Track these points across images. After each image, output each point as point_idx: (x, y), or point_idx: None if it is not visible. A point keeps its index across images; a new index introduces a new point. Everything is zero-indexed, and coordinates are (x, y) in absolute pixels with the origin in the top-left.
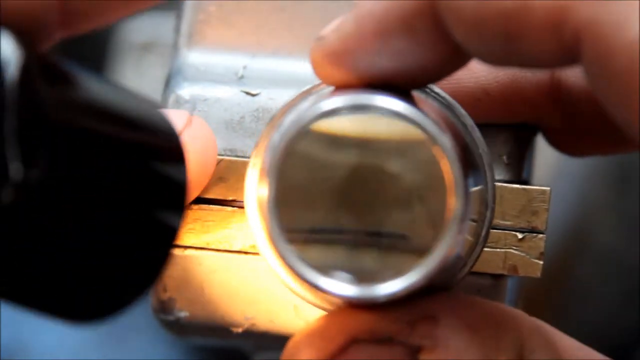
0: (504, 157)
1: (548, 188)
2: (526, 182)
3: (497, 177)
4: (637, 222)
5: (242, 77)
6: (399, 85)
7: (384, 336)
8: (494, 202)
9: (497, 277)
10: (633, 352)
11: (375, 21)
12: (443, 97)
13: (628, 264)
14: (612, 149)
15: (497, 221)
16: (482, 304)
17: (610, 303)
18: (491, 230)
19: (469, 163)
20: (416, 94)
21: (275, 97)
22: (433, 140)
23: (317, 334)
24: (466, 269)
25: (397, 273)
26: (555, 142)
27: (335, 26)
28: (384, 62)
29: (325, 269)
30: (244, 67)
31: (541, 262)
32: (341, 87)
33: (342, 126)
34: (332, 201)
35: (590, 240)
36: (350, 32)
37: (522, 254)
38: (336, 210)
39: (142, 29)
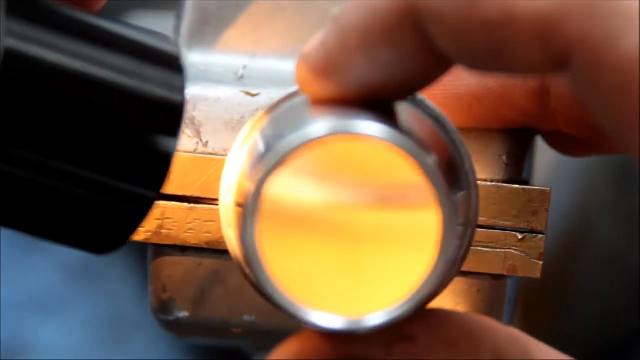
0: (504, 157)
1: (548, 188)
2: (526, 183)
3: (496, 177)
4: (637, 222)
5: (242, 77)
6: (385, 96)
7: (363, 359)
8: (476, 221)
9: (497, 278)
10: (633, 352)
11: (359, 34)
12: (433, 111)
13: (628, 264)
14: (609, 150)
15: (497, 221)
16: (458, 317)
17: (610, 303)
18: (491, 231)
19: (454, 180)
20: (405, 107)
21: (275, 97)
22: (417, 162)
23: (294, 356)
24: (442, 288)
25: (386, 303)
26: (553, 143)
27: (319, 42)
28: (370, 74)
29: (309, 299)
30: (244, 67)
31: (541, 263)
32: (324, 101)
33: (327, 149)
34: (314, 223)
35: (590, 240)
36: (334, 47)
37: (522, 254)
38: (317, 232)
39: None
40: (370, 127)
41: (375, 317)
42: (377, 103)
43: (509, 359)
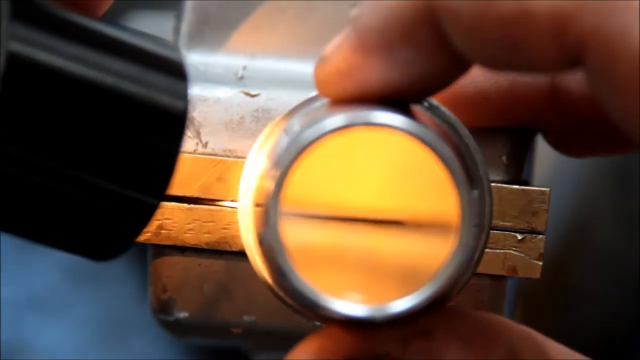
0: (504, 158)
1: (548, 189)
2: (526, 183)
3: (496, 177)
4: (637, 222)
5: (241, 77)
6: (403, 97)
7: (380, 354)
8: (489, 227)
9: (497, 278)
10: (633, 352)
11: (377, 34)
12: (448, 117)
13: (628, 264)
14: (612, 151)
15: (497, 222)
16: (473, 315)
17: (610, 303)
18: (491, 231)
19: (469, 183)
20: (421, 111)
21: (275, 98)
22: (436, 152)
23: (314, 354)
24: (462, 284)
25: (405, 291)
26: (555, 143)
27: (337, 44)
28: (388, 74)
29: (330, 288)
30: (244, 68)
31: (540, 263)
32: (343, 102)
33: (346, 142)
34: (334, 215)
35: (590, 240)
36: (353, 47)
37: (522, 255)
38: (338, 225)
39: (141, 29)
40: (390, 118)
41: (396, 304)
42: (395, 104)
43: (524, 357)
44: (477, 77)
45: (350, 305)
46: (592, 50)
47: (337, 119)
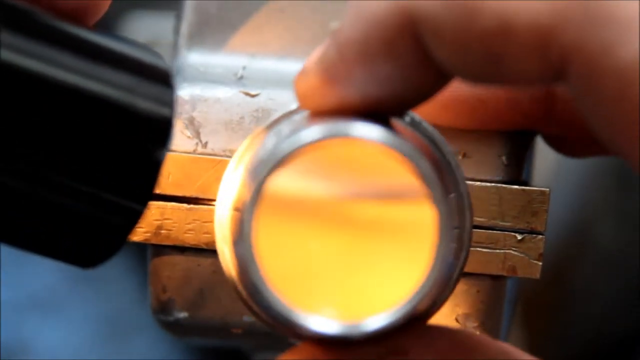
0: (504, 158)
1: (547, 189)
2: (525, 183)
3: (496, 178)
4: (637, 222)
5: (241, 77)
6: (384, 111)
7: None
8: (469, 243)
9: (496, 278)
10: (633, 353)
11: (357, 47)
12: (430, 132)
13: (628, 264)
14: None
15: (497, 222)
16: (449, 331)
17: (611, 303)
18: (490, 232)
19: (448, 197)
20: (401, 125)
21: (275, 98)
22: (413, 165)
23: None
24: (441, 301)
25: (382, 309)
26: (554, 144)
27: (318, 57)
28: (369, 87)
29: (305, 303)
30: (244, 68)
31: (540, 263)
32: (324, 114)
33: (323, 154)
34: (311, 227)
35: (590, 240)
36: (333, 60)
37: (522, 255)
38: (314, 237)
39: (141, 29)
40: (367, 130)
41: (371, 322)
42: (375, 117)
43: None
44: None
45: (324, 322)
46: (575, 66)
47: (314, 131)
